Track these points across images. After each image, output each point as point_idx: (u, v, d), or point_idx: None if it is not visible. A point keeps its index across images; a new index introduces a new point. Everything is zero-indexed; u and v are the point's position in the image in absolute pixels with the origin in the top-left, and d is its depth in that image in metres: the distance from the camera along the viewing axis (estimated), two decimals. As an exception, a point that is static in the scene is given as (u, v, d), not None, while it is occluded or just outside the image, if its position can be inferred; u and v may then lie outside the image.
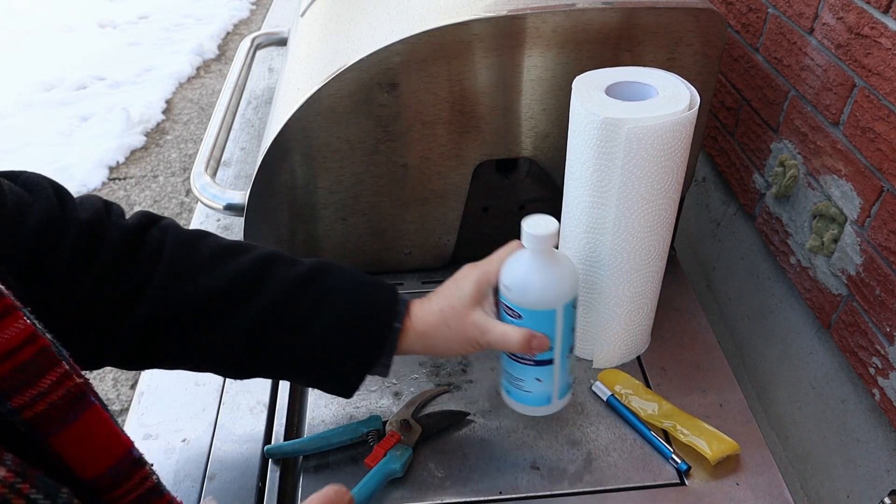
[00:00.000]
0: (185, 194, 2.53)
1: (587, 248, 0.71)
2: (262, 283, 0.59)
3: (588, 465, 0.68)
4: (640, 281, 0.73)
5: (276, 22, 1.54)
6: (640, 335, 0.79)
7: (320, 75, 0.76)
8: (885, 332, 0.72)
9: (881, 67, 0.69)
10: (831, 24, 0.77)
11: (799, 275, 0.87)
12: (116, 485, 0.41)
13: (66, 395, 0.38)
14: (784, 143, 0.89)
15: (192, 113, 3.09)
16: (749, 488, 0.66)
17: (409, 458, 0.67)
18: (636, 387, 0.75)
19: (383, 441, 0.68)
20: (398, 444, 0.68)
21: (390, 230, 0.87)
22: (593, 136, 0.64)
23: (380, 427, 0.70)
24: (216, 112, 1.00)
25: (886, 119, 0.69)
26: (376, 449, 0.67)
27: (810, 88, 0.82)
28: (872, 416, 0.74)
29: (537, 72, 0.77)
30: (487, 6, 0.75)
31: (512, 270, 0.63)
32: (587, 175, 0.67)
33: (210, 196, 0.86)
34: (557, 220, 0.61)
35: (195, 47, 3.57)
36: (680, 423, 0.70)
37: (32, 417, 0.37)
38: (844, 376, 0.78)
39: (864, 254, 0.74)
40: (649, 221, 0.69)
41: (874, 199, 0.72)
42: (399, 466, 0.66)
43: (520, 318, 0.63)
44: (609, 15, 0.75)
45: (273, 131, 0.78)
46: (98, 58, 3.48)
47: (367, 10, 0.86)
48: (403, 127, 0.79)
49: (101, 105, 3.07)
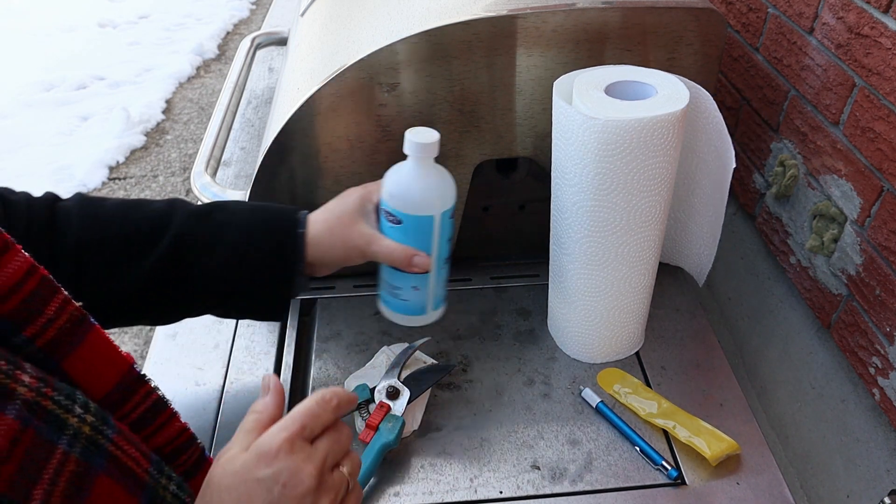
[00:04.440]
0: (185, 194, 2.53)
1: (585, 247, 0.71)
2: (168, 221, 0.64)
3: (588, 465, 0.68)
4: (637, 278, 0.73)
5: (276, 22, 1.54)
6: (634, 332, 0.79)
7: (320, 75, 0.76)
8: (885, 332, 0.72)
9: (881, 67, 0.69)
10: (831, 23, 0.77)
11: (799, 275, 0.87)
12: (125, 400, 0.43)
13: (69, 320, 0.39)
14: (784, 142, 0.89)
15: (192, 113, 3.09)
16: (749, 488, 0.66)
17: (402, 427, 0.68)
18: (636, 385, 0.75)
19: (373, 414, 0.68)
20: (388, 414, 0.68)
21: (390, 230, 0.87)
22: (594, 137, 0.64)
23: (368, 396, 0.70)
24: (216, 112, 1.00)
25: (886, 119, 0.69)
26: (368, 424, 0.68)
27: (810, 88, 0.82)
28: (872, 416, 0.74)
29: (537, 71, 0.77)
30: (487, 6, 0.75)
31: (394, 177, 0.68)
32: (584, 176, 0.67)
33: (210, 196, 0.86)
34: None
35: (195, 47, 3.57)
36: (680, 423, 0.70)
37: (45, 345, 0.38)
38: (844, 376, 0.78)
39: (864, 254, 0.74)
40: (645, 218, 0.69)
41: (874, 198, 0.72)
42: (393, 438, 0.66)
43: (400, 223, 0.67)
44: (609, 15, 0.75)
45: (273, 131, 0.78)
46: (98, 58, 3.48)
47: (367, 10, 0.86)
48: (403, 127, 0.78)
49: (101, 105, 3.07)
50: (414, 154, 0.66)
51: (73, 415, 0.36)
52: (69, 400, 0.36)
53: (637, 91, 0.68)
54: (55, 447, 0.34)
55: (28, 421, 0.33)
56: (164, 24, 3.93)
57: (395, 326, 0.82)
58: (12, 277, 0.37)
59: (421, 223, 0.67)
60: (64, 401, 0.36)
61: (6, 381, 0.34)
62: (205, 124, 2.95)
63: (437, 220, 0.67)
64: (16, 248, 0.37)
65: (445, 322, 0.84)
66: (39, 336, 0.38)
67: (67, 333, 0.39)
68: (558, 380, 0.77)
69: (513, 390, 0.76)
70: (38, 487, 0.32)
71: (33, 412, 0.34)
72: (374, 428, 0.67)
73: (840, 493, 0.78)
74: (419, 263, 0.66)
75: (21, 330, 0.37)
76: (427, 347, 0.76)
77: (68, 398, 0.36)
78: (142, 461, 0.40)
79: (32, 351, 0.38)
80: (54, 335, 0.39)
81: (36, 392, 0.34)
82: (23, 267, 0.37)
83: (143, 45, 3.68)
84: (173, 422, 0.47)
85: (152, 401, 0.45)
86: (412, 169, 0.67)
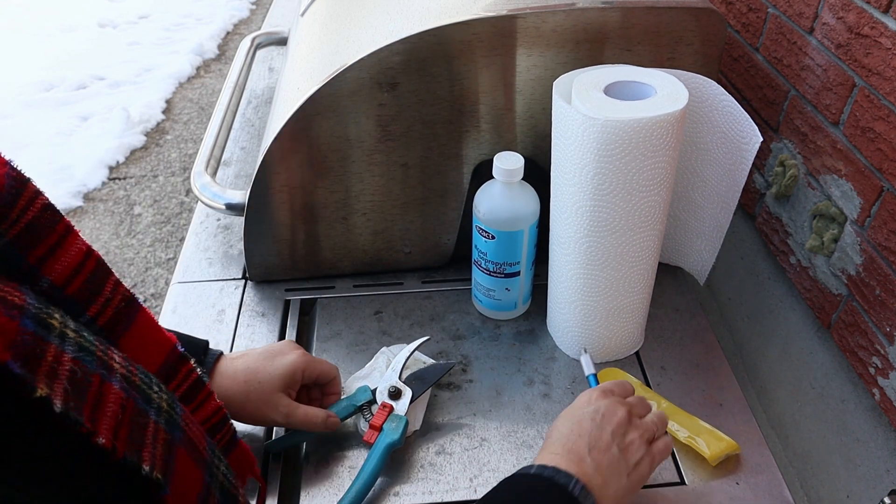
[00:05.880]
0: (185, 194, 2.53)
1: (585, 247, 0.71)
2: None
3: (588, 465, 0.68)
4: (636, 277, 0.73)
5: (276, 22, 1.54)
6: (633, 332, 0.79)
7: (320, 75, 0.76)
8: (885, 332, 0.72)
9: (881, 67, 0.69)
10: (831, 23, 0.77)
11: (799, 275, 0.87)
12: (171, 377, 0.45)
13: (122, 300, 0.41)
14: (784, 142, 0.89)
15: (192, 113, 3.09)
16: (749, 488, 0.66)
17: (406, 426, 0.68)
18: (636, 385, 0.75)
19: (376, 415, 0.68)
20: (391, 414, 0.68)
21: (390, 230, 0.87)
22: (593, 137, 0.64)
23: (370, 398, 0.70)
24: (216, 112, 1.00)
25: (886, 119, 0.69)
26: (371, 424, 0.68)
27: (810, 88, 0.82)
28: (872, 416, 0.74)
29: (537, 71, 0.77)
30: (487, 6, 0.75)
31: (485, 198, 0.77)
32: (584, 176, 0.67)
33: (210, 195, 0.86)
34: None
35: (195, 47, 3.57)
36: (679, 423, 0.70)
37: (105, 324, 0.40)
38: (844, 376, 0.78)
39: (864, 254, 0.74)
40: (644, 218, 0.69)
41: (874, 198, 0.72)
42: (398, 437, 0.66)
43: (493, 238, 0.77)
44: (609, 14, 0.75)
45: (273, 131, 0.78)
46: (98, 58, 3.48)
47: (368, 10, 0.86)
48: (403, 126, 0.79)
49: (101, 105, 3.07)
50: (501, 178, 0.74)
51: (153, 391, 0.38)
52: (148, 378, 0.38)
53: (637, 91, 0.68)
54: (149, 417, 0.36)
55: (129, 391, 0.35)
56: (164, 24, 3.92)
57: (395, 326, 0.83)
58: (75, 259, 0.38)
59: (511, 237, 0.77)
60: (145, 378, 0.38)
61: (104, 357, 0.35)
62: (205, 124, 2.95)
63: (525, 233, 0.77)
64: (75, 232, 0.39)
65: (445, 322, 0.84)
66: (100, 315, 0.40)
67: (122, 313, 0.41)
68: (558, 380, 0.77)
69: (513, 390, 0.76)
70: (146, 451, 0.34)
71: (129, 384, 0.36)
72: (377, 429, 0.67)
73: (840, 493, 0.78)
74: (332, 424, 0.67)
75: (86, 310, 0.39)
76: (427, 347, 0.76)
77: (147, 376, 0.38)
78: (202, 440, 0.41)
79: (95, 330, 0.39)
80: (112, 314, 0.40)
81: (126, 369, 0.36)
82: (82, 249, 0.39)
83: (143, 45, 3.68)
84: (210, 399, 0.49)
85: (193, 379, 0.47)
86: (501, 191, 0.76)
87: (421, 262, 0.91)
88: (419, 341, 0.74)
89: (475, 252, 0.81)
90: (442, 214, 0.86)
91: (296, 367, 0.67)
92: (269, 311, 0.86)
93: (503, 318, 0.84)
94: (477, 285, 0.83)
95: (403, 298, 0.88)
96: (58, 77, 3.26)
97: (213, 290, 0.89)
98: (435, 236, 0.89)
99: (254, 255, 0.87)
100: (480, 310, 0.85)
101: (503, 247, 0.77)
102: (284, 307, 0.87)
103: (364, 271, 0.91)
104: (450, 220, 0.87)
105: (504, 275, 0.79)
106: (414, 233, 0.88)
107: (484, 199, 0.76)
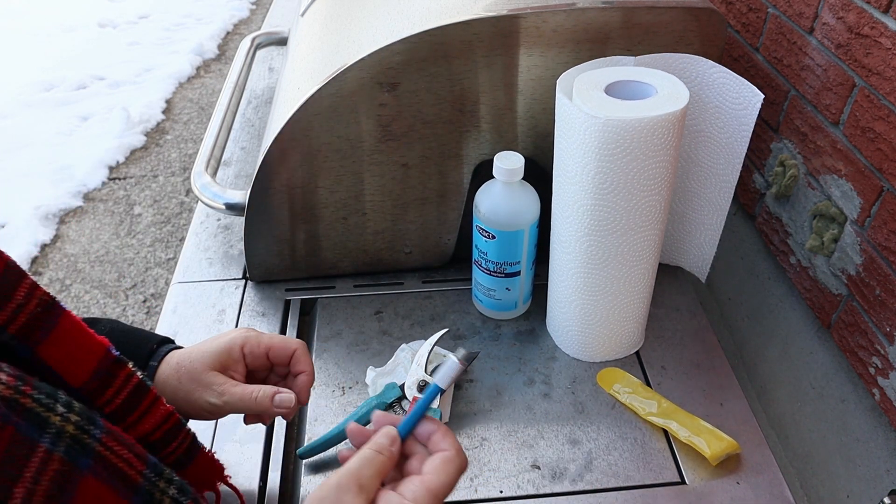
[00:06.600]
0: (185, 194, 2.53)
1: (585, 246, 0.71)
2: None
3: (588, 465, 0.68)
4: (637, 277, 0.73)
5: (276, 22, 1.54)
6: (633, 332, 0.79)
7: (321, 75, 0.76)
8: (885, 332, 0.72)
9: (881, 67, 0.69)
10: (831, 23, 0.77)
11: (799, 274, 0.87)
12: (106, 386, 0.42)
13: (39, 304, 0.39)
14: (784, 142, 0.89)
15: (192, 113, 3.09)
16: (749, 487, 0.66)
17: (440, 418, 0.67)
18: (636, 385, 0.75)
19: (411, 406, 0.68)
20: None
21: (390, 230, 0.87)
22: (594, 136, 0.64)
23: (400, 394, 0.70)
24: (216, 112, 1.00)
25: (886, 119, 0.69)
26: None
27: (810, 88, 0.82)
28: (872, 416, 0.74)
29: (537, 71, 0.77)
30: (487, 5, 0.75)
31: (485, 198, 0.76)
32: (585, 174, 0.67)
33: (210, 195, 0.86)
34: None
35: (195, 47, 3.57)
36: (679, 422, 0.70)
37: (17, 331, 0.38)
38: (844, 376, 0.78)
39: (864, 253, 0.74)
40: (645, 218, 0.69)
41: (874, 198, 0.72)
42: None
43: (493, 238, 0.76)
44: (609, 14, 0.75)
45: (273, 131, 0.78)
46: (98, 58, 3.48)
47: (368, 10, 0.86)
48: (403, 126, 0.79)
49: (101, 105, 3.07)
50: (502, 178, 0.74)
51: (54, 413, 0.35)
52: (50, 398, 0.35)
53: (637, 90, 0.68)
54: (37, 445, 0.33)
55: (7, 417, 0.32)
56: (164, 24, 3.92)
57: (396, 326, 0.83)
58: None
59: (512, 237, 0.77)
60: (45, 399, 0.35)
61: None
62: (205, 124, 2.95)
63: (525, 233, 0.77)
64: None
65: (446, 322, 0.84)
66: (11, 322, 0.37)
67: (39, 318, 0.38)
68: (558, 379, 0.77)
69: (513, 390, 0.76)
70: (20, 486, 0.31)
71: (12, 409, 0.33)
72: None
73: (840, 493, 0.78)
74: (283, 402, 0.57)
75: None
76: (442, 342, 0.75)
77: (49, 397, 0.35)
78: (135, 462, 0.38)
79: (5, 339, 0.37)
80: (26, 320, 0.38)
81: (14, 390, 0.34)
82: None
83: (143, 45, 3.68)
84: (158, 405, 0.45)
85: (133, 385, 0.43)
86: (501, 190, 0.75)
87: (421, 261, 0.91)
88: (438, 334, 0.74)
89: (475, 252, 0.81)
90: (442, 214, 0.86)
91: (233, 341, 0.58)
92: (269, 311, 0.86)
93: (503, 317, 0.84)
94: (477, 285, 0.84)
95: (404, 298, 0.88)
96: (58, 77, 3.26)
97: (213, 290, 0.89)
98: (435, 236, 0.89)
99: (254, 255, 0.87)
100: (481, 310, 0.85)
101: (503, 246, 0.77)
102: (285, 307, 0.87)
103: (364, 271, 0.91)
104: (450, 220, 0.87)
105: (504, 274, 0.80)
106: (414, 232, 0.88)
107: (484, 199, 0.77)
